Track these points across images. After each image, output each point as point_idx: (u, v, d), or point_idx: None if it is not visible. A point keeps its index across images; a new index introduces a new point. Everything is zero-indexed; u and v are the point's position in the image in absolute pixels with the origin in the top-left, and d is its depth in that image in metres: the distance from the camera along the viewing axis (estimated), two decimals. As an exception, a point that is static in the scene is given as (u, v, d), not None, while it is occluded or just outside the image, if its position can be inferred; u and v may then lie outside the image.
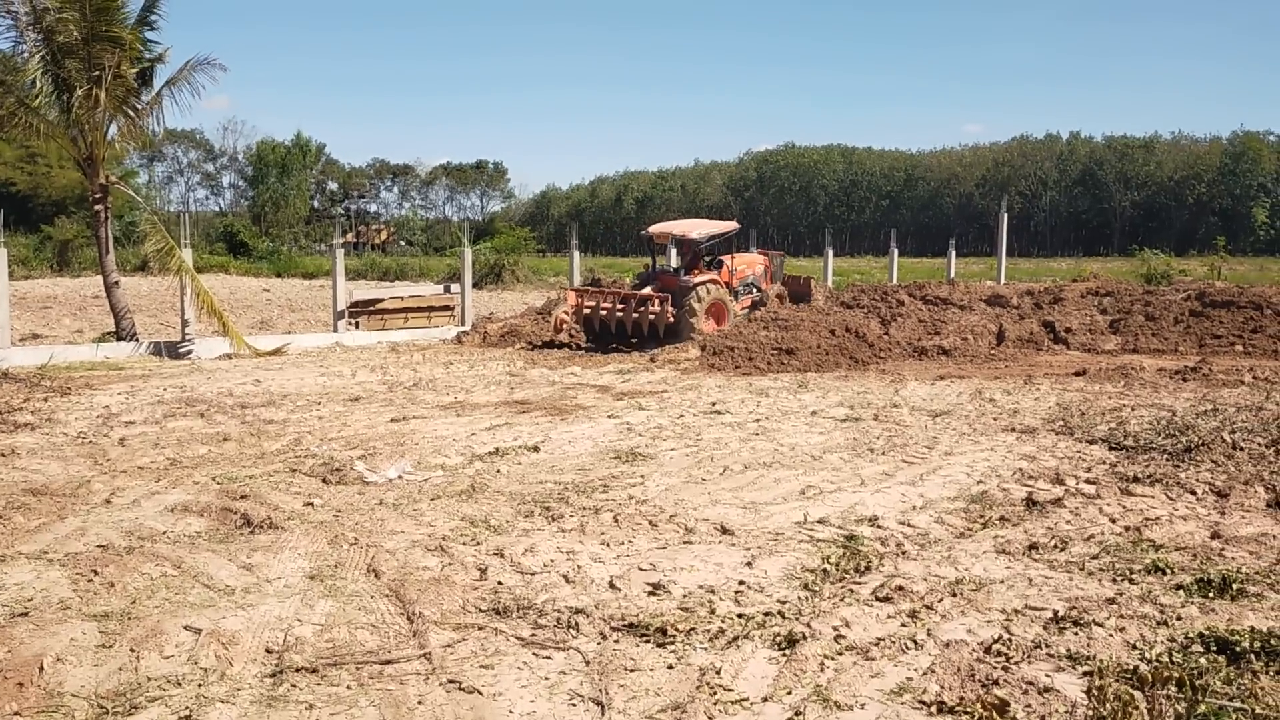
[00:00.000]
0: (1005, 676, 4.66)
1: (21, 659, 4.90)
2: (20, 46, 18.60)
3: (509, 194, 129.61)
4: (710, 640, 5.16)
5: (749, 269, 22.25)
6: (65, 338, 21.27)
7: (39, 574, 6.23)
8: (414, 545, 6.85)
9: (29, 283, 39.06)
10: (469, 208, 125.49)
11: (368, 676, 4.76)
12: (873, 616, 5.49)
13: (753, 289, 21.92)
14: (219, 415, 12.06)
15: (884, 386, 14.52)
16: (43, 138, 20.40)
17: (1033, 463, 9.38)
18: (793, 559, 6.51)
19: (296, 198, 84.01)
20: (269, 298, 35.53)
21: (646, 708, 4.46)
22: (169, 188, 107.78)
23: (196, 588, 6.00)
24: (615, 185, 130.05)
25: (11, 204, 44.61)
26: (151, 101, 19.66)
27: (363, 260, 57.12)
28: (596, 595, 5.87)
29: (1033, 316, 20.83)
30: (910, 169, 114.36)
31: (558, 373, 16.37)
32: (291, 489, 8.48)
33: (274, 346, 19.56)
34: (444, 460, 9.63)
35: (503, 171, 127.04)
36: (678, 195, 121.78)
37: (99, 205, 19.49)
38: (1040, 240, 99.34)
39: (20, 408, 12.32)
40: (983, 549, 6.75)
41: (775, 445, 10.27)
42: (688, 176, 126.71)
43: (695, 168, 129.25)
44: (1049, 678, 4.67)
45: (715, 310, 20.08)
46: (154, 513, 7.68)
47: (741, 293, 21.52)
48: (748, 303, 21.42)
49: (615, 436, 10.85)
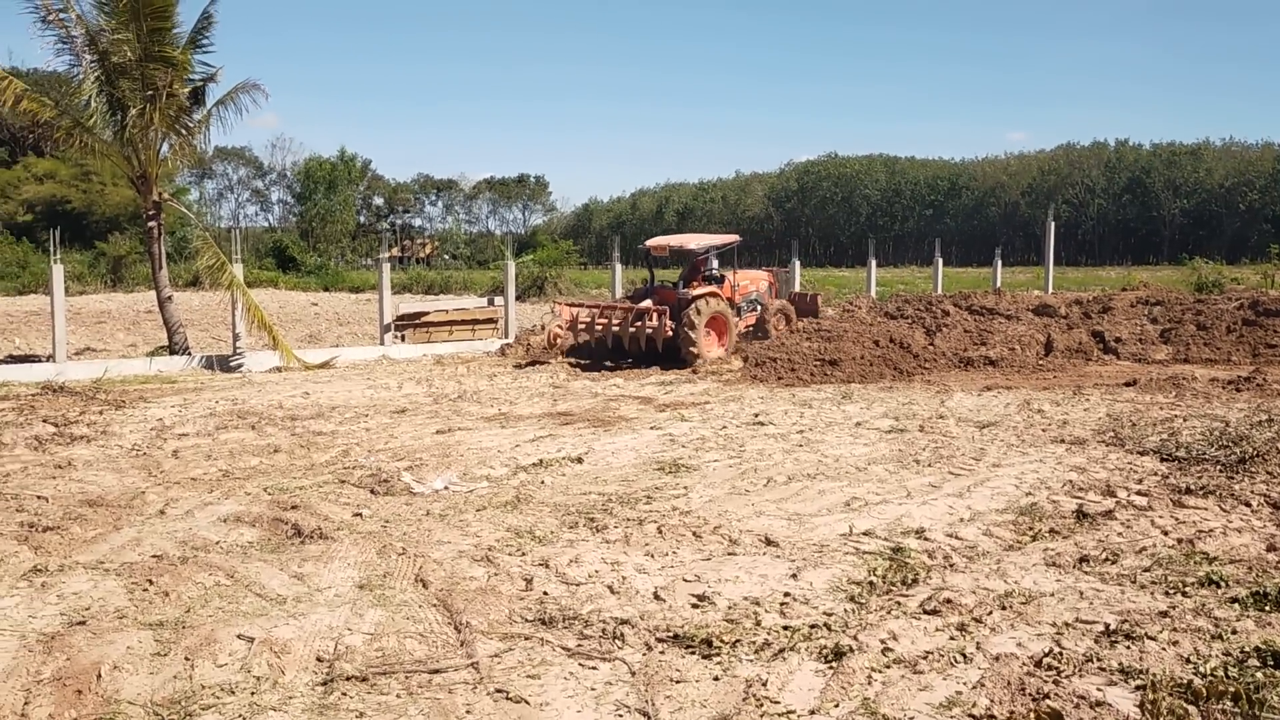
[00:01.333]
0: (1056, 690, 4.62)
1: (80, 667, 5.01)
2: (76, 68, 19.06)
3: (551, 207, 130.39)
4: (756, 652, 5.16)
5: (753, 285, 21.12)
6: (119, 352, 21.68)
7: (96, 583, 6.37)
8: (460, 555, 6.91)
9: (84, 298, 39.86)
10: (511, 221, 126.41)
11: (416, 685, 4.82)
12: (921, 629, 5.45)
13: (757, 306, 20.78)
14: (269, 427, 12.25)
15: (929, 397, 14.41)
16: (97, 156, 20.92)
17: (1083, 474, 9.26)
18: (838, 571, 6.48)
19: (343, 213, 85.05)
20: (317, 311, 35.98)
21: (693, 719, 4.47)
22: (219, 204, 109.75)
23: (249, 597, 6.10)
24: (656, 197, 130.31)
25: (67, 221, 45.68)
26: (202, 120, 20.06)
27: (408, 274, 57.70)
28: (641, 606, 5.89)
29: (1081, 326, 20.56)
30: (954, 178, 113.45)
31: (600, 384, 16.42)
32: (340, 500, 8.59)
33: (322, 360, 19.81)
34: (489, 471, 9.70)
35: (544, 185, 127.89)
36: (718, 207, 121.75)
37: (152, 222, 19.88)
38: (1088, 249, 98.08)
39: (77, 420, 12.58)
40: (1032, 561, 6.68)
41: (819, 457, 10.23)
42: (729, 188, 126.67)
43: (736, 179, 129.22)
44: (1101, 691, 4.62)
45: (716, 324, 19.06)
46: (207, 523, 7.82)
47: (745, 309, 20.46)
48: (751, 320, 20.39)
49: (658, 448, 10.87)
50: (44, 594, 6.16)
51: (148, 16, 17.98)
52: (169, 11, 18.43)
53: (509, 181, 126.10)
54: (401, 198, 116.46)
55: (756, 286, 21.13)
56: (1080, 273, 60.28)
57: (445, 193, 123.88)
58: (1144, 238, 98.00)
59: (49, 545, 7.21)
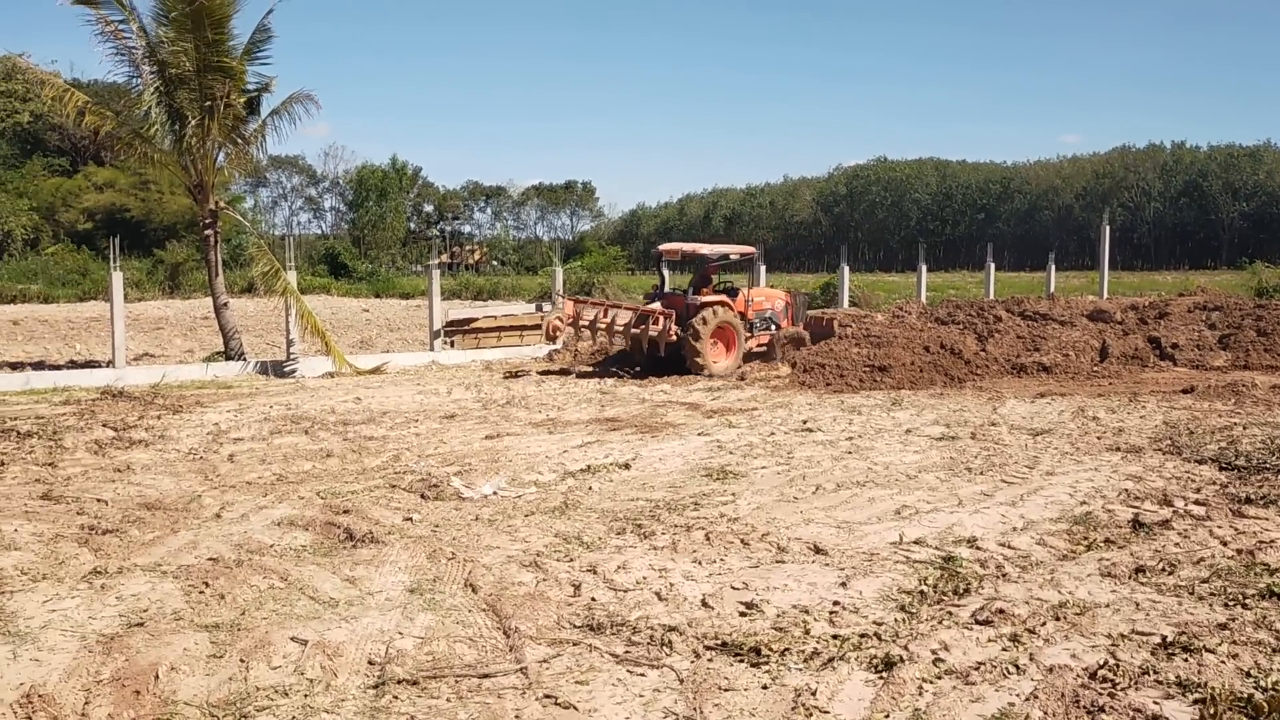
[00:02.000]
0: (1111, 703, 4.54)
1: (138, 667, 5.11)
2: (135, 80, 19.47)
3: (598, 213, 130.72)
4: (805, 661, 5.13)
5: (768, 303, 20.14)
6: (177, 357, 22.10)
7: (154, 585, 6.49)
8: (509, 560, 6.95)
9: (142, 304, 40.69)
10: (559, 227, 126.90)
11: (466, 690, 4.85)
12: (973, 640, 5.39)
13: (770, 325, 19.81)
14: (322, 432, 12.41)
15: (981, 404, 14.24)
16: (156, 165, 21.33)
17: (1139, 483, 9.10)
18: (888, 580, 6.43)
19: (394, 220, 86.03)
20: (368, 318, 36.41)
21: (741, 727, 4.45)
22: (273, 212, 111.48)
23: (302, 600, 6.19)
24: (704, 202, 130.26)
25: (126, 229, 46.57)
26: (257, 130, 20.39)
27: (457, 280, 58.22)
28: (689, 613, 5.88)
29: (1137, 332, 20.20)
30: (1006, 181, 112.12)
31: (647, 390, 16.44)
32: (391, 504, 8.68)
33: (373, 365, 20.04)
34: (537, 477, 9.75)
35: (592, 191, 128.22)
36: (766, 212, 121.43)
37: (209, 230, 20.24)
38: (1144, 253, 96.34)
39: (135, 425, 12.84)
40: (1087, 572, 6.58)
41: (869, 464, 10.15)
42: (776, 193, 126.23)
43: (784, 184, 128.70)
44: (1157, 705, 4.53)
45: (724, 335, 18.41)
46: (261, 526, 7.94)
47: (758, 327, 19.59)
48: (764, 339, 19.50)
49: (706, 454, 10.86)
50: (103, 595, 6.29)
51: (206, 28, 18.32)
52: (226, 23, 18.76)
53: (557, 188, 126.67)
54: (451, 204, 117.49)
55: (772, 305, 20.22)
56: (1136, 277, 59.21)
57: (494, 199, 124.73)
58: (1201, 241, 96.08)
59: (108, 547, 7.37)
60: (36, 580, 6.60)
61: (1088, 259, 73.26)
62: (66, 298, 43.79)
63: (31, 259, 50.98)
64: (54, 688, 4.87)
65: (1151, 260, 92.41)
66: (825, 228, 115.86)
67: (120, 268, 19.19)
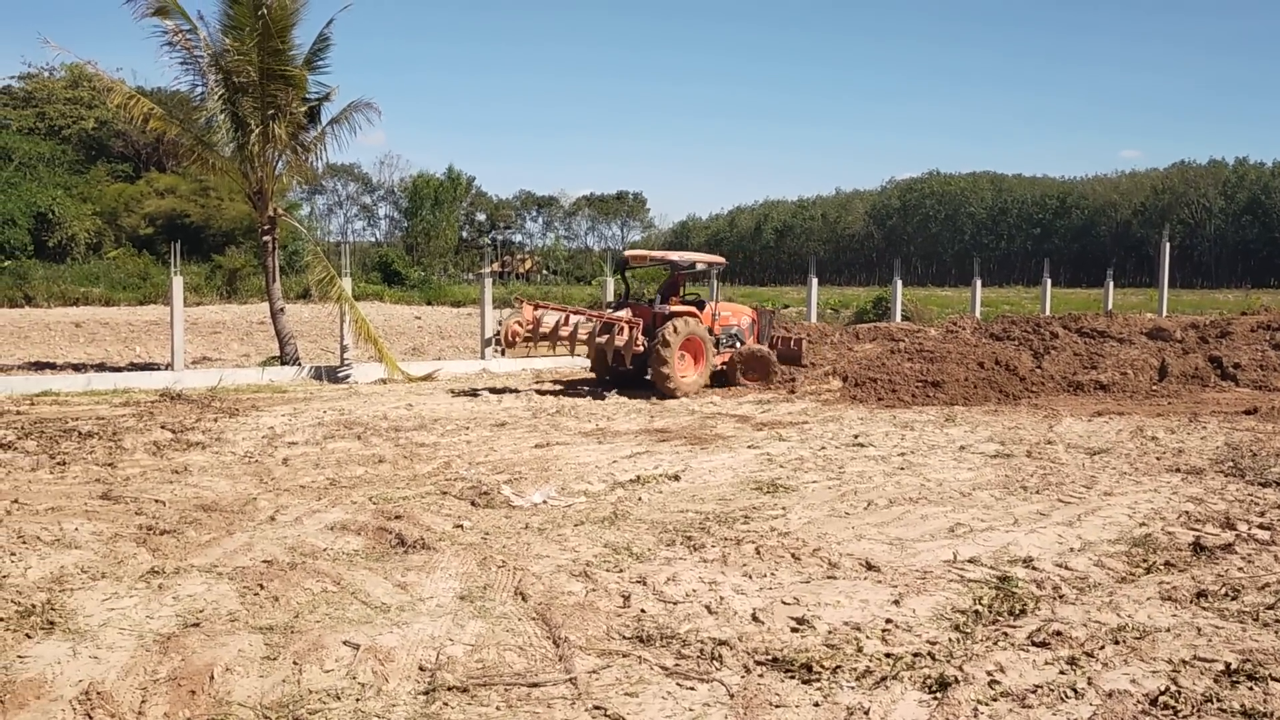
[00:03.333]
0: (1174, 731, 4.43)
1: (194, 668, 5.17)
2: (199, 87, 19.86)
3: (649, 224, 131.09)
4: (857, 679, 5.07)
5: (735, 318, 19.00)
6: (233, 361, 22.45)
7: (209, 586, 6.58)
8: (559, 570, 6.95)
9: (200, 309, 41.42)
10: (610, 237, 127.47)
11: (516, 698, 4.85)
12: (1029, 662, 5.29)
13: (736, 342, 18.71)
14: (374, 438, 12.53)
15: (1037, 422, 14.02)
16: (216, 172, 21.71)
17: (1200, 505, 8.89)
18: (942, 599, 6.34)
19: (447, 228, 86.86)
20: (420, 325, 36.75)
21: (792, 744, 4.41)
22: (329, 219, 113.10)
23: (354, 604, 6.23)
24: (755, 214, 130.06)
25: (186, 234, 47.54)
26: (317, 138, 20.70)
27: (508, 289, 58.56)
28: (739, 627, 5.84)
29: (1198, 351, 19.79)
30: (1063, 196, 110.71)
31: (697, 401, 16.40)
32: (442, 511, 8.73)
33: (425, 372, 20.21)
34: (586, 486, 9.75)
35: (643, 202, 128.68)
36: (818, 224, 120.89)
37: (267, 236, 20.56)
38: (1204, 270, 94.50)
39: (193, 427, 13.06)
40: (1146, 595, 6.43)
41: (921, 480, 10.03)
42: (829, 205, 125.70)
43: (836, 196, 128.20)
44: (1222, 735, 4.41)
45: (691, 347, 17.36)
46: (315, 530, 8.03)
47: (724, 343, 18.49)
48: (726, 357, 18.29)
49: (756, 467, 10.79)
50: (160, 595, 6.39)
51: (270, 36, 18.66)
52: (289, 31, 19.09)
53: (608, 198, 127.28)
54: (503, 214, 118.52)
55: (738, 322, 19.06)
56: (1196, 295, 58.11)
57: (546, 209, 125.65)
58: (1265, 259, 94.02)
59: (166, 548, 7.48)
60: (96, 579, 6.72)
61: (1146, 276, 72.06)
62: (127, 301, 44.72)
63: (94, 262, 52.13)
64: (112, 685, 4.95)
65: (1212, 278, 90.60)
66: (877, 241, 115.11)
67: (180, 272, 19.56)
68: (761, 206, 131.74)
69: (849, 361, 19.56)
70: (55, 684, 4.99)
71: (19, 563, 7.01)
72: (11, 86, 63.53)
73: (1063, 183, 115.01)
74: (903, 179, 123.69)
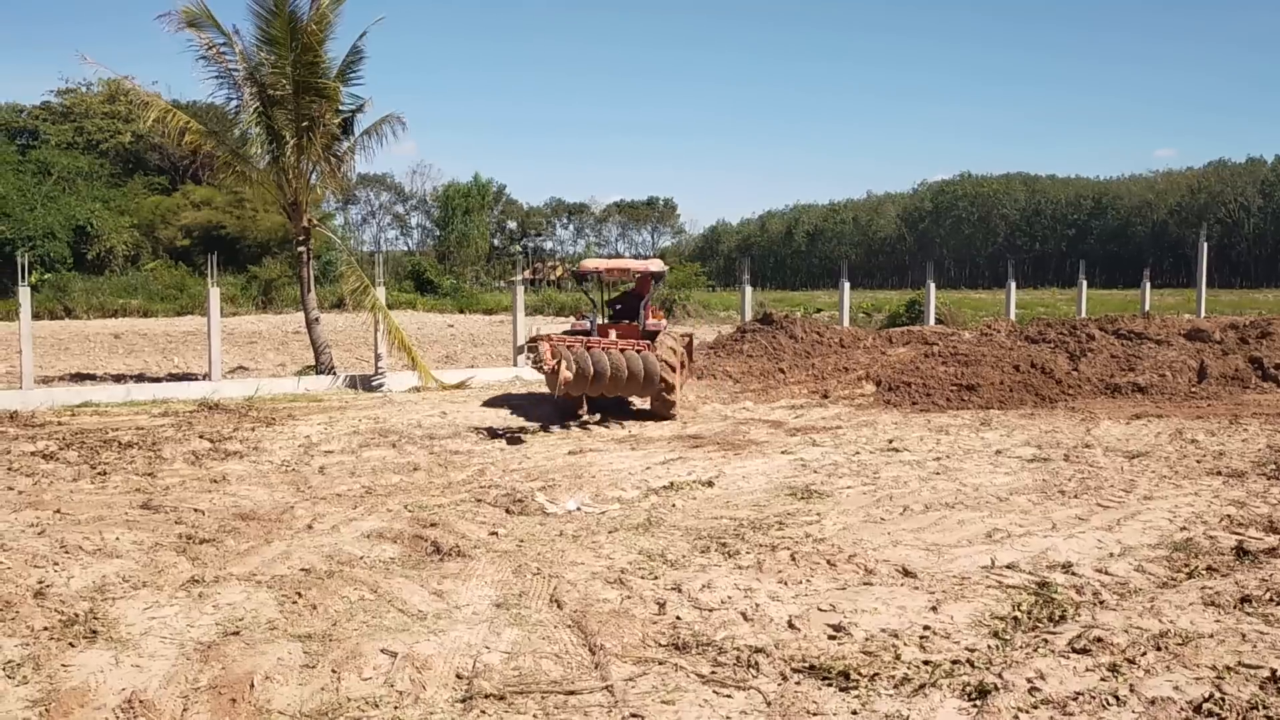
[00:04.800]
0: (1219, 740, 4.36)
1: (234, 676, 5.22)
2: (234, 100, 20.09)
3: (679, 229, 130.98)
4: (896, 687, 5.03)
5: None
6: (270, 371, 22.67)
7: (249, 595, 6.64)
8: (594, 577, 6.96)
9: (236, 319, 41.87)
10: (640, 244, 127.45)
11: (553, 706, 4.86)
12: (1069, 669, 5.23)
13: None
14: (409, 446, 12.61)
15: (1074, 425, 13.87)
16: (252, 184, 21.93)
17: (1242, 509, 8.76)
18: (980, 605, 6.28)
19: (478, 236, 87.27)
20: (453, 333, 36.92)
21: (831, 753, 4.38)
22: (362, 229, 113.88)
23: (391, 612, 6.27)
24: (785, 219, 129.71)
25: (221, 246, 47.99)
26: (350, 149, 20.87)
27: (539, 296, 58.70)
28: (776, 635, 5.81)
29: (1238, 352, 19.47)
30: (1098, 197, 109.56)
31: (730, 407, 16.36)
32: (477, 518, 8.77)
33: (458, 380, 20.30)
34: (620, 494, 9.76)
35: (673, 207, 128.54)
36: (849, 228, 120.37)
37: (302, 247, 20.75)
38: (1243, 270, 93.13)
39: (230, 437, 13.19)
40: (1189, 600, 6.34)
41: (958, 485, 9.95)
42: (860, 209, 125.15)
43: (868, 199, 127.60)
44: (1270, 744, 4.34)
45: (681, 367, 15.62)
46: (351, 538, 8.08)
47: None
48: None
49: (790, 473, 10.75)
50: (201, 604, 6.46)
51: (306, 50, 18.85)
52: (322, 45, 19.27)
53: (638, 204, 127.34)
54: (534, 221, 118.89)
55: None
56: (1234, 295, 57.26)
57: (576, 216, 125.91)
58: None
59: (205, 557, 7.57)
60: (137, 588, 6.80)
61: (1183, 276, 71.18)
62: (165, 312, 45.29)
63: (132, 274, 52.81)
64: (154, 694, 5.01)
65: (1251, 278, 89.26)
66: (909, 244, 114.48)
67: (216, 283, 19.76)
68: (792, 210, 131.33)
69: (882, 366, 19.42)
70: (98, 692, 5.06)
71: (62, 572, 7.12)
72: (50, 102, 64.53)
73: (1097, 183, 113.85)
74: (934, 181, 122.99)
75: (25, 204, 49.90)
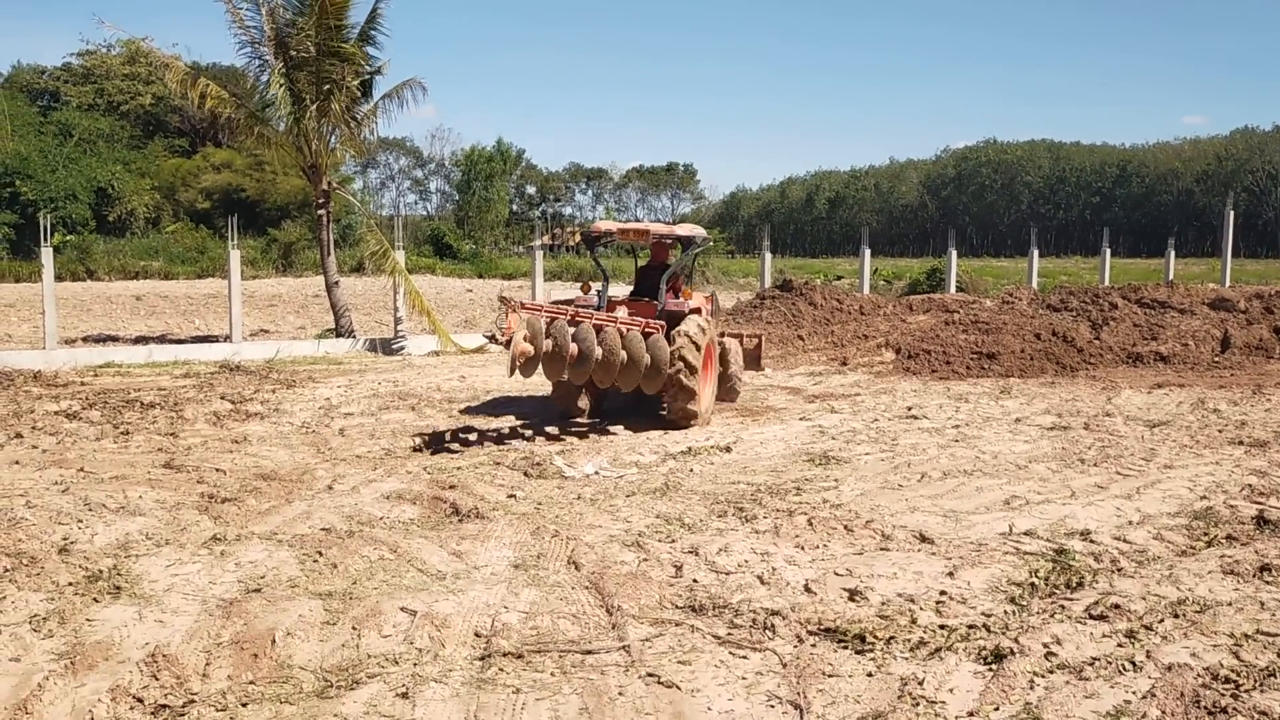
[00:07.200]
0: (1235, 705, 4.37)
1: (256, 632, 5.29)
2: (256, 63, 20.08)
3: (699, 195, 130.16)
4: (911, 650, 5.05)
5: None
6: (290, 333, 22.78)
7: (270, 553, 6.71)
8: (611, 540, 6.99)
9: (256, 282, 42.00)
10: (660, 209, 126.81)
11: (570, 665, 4.90)
12: (1086, 635, 5.23)
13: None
14: (428, 409, 12.67)
15: (1095, 394, 13.80)
16: (272, 147, 21.96)
17: (1263, 479, 8.71)
18: (997, 571, 6.28)
19: (497, 202, 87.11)
20: (472, 298, 36.96)
21: (846, 714, 4.41)
22: (381, 193, 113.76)
23: (411, 571, 6.33)
24: (806, 185, 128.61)
25: (242, 209, 48.13)
26: (370, 112, 20.85)
27: (558, 262, 58.64)
28: (792, 598, 5.84)
29: (1262, 322, 19.28)
30: (1123, 164, 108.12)
31: (747, 373, 16.32)
32: (495, 481, 8.82)
33: (477, 345, 20.35)
34: (638, 458, 9.78)
35: (693, 173, 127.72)
36: (871, 195, 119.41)
37: (321, 210, 20.79)
38: (1269, 239, 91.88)
39: (251, 398, 13.29)
40: (1207, 569, 6.32)
41: (976, 452, 9.93)
42: (881, 175, 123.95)
43: (890, 166, 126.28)
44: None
45: (710, 356, 12.23)
46: (371, 499, 8.15)
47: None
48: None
49: (808, 439, 10.75)
50: (223, 562, 6.53)
51: (328, 13, 18.80)
52: (346, 8, 19.22)
53: (658, 170, 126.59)
54: (553, 186, 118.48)
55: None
56: (1261, 265, 56.56)
57: (595, 181, 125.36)
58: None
59: (227, 515, 7.65)
60: (160, 545, 6.89)
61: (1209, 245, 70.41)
62: (186, 274, 45.49)
63: (153, 237, 53.01)
64: (177, 649, 5.08)
65: (1278, 248, 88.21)
66: (931, 211, 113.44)
67: (237, 246, 19.84)
68: (813, 177, 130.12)
69: (902, 333, 19.34)
70: (122, 646, 5.14)
71: (86, 529, 7.21)
72: (71, 64, 64.56)
73: (1123, 150, 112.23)
74: (957, 148, 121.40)
75: (47, 165, 50.01)
